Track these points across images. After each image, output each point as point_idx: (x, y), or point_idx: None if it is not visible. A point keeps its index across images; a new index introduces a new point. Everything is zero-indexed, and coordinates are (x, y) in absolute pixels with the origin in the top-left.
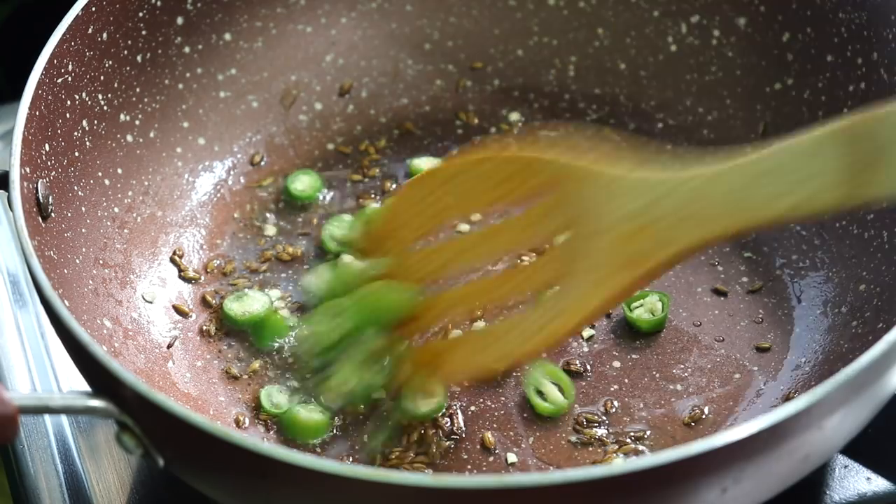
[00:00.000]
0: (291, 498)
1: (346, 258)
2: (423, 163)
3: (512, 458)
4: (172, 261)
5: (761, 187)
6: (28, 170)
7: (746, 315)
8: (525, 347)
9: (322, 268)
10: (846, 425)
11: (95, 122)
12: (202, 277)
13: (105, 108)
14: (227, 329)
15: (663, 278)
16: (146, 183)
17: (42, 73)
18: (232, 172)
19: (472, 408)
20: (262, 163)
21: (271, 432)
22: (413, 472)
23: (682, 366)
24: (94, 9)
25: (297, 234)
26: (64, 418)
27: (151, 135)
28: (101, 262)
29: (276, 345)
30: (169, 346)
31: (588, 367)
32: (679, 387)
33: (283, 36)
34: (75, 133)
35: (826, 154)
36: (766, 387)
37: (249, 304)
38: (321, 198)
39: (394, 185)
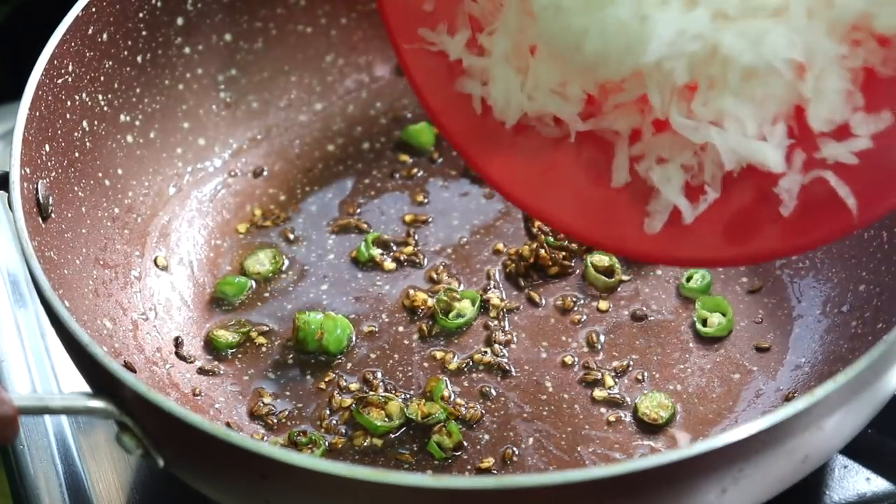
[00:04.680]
0: (291, 498)
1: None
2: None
3: (512, 458)
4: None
5: None
6: (28, 170)
7: (746, 315)
8: None
9: None
10: (846, 426)
11: (95, 122)
12: (202, 277)
13: (105, 108)
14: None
15: (662, 278)
16: (146, 183)
17: (42, 74)
18: (232, 173)
19: (473, 407)
20: (263, 164)
21: (271, 432)
22: (413, 472)
23: (682, 366)
24: (94, 9)
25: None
26: (64, 418)
27: (151, 135)
28: (101, 262)
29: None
30: (174, 344)
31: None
32: (679, 387)
33: (283, 36)
34: (75, 133)
35: None
36: (766, 387)
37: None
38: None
39: (393, 185)
